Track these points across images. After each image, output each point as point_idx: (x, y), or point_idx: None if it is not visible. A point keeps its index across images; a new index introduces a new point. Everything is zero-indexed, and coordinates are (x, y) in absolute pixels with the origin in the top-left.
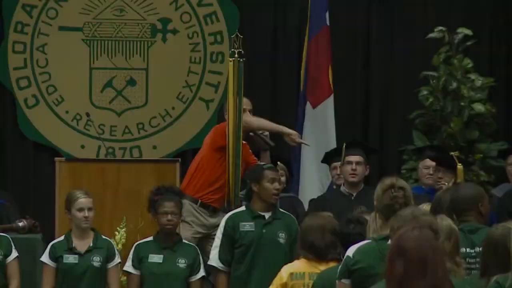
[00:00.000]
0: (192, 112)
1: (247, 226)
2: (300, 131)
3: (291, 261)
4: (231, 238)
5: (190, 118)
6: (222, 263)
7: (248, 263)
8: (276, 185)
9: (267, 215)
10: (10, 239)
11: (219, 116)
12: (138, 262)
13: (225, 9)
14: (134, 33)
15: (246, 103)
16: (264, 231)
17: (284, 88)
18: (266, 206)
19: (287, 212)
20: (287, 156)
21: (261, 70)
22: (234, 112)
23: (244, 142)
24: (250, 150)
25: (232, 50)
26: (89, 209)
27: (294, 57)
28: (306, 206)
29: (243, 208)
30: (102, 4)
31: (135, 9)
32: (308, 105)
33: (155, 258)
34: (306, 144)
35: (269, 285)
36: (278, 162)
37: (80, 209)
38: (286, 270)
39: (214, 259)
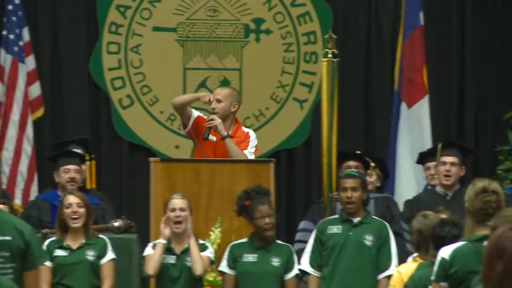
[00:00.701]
0: (286, 112)
1: (335, 229)
2: (395, 130)
3: (378, 263)
4: (321, 243)
5: (284, 118)
6: (313, 268)
7: (333, 264)
8: (348, 193)
9: (355, 220)
10: (107, 241)
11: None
12: (233, 262)
13: (319, 9)
14: (227, 34)
15: (217, 92)
16: (350, 233)
17: (378, 88)
18: (354, 213)
19: (378, 218)
20: (382, 155)
21: (355, 70)
22: (327, 112)
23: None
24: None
25: (326, 50)
26: (181, 209)
27: (388, 57)
28: (401, 207)
29: (336, 216)
30: (195, 4)
31: (228, 10)
32: (403, 105)
33: (250, 258)
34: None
35: (351, 286)
36: (371, 163)
37: (173, 210)
38: (404, 272)
39: (305, 264)
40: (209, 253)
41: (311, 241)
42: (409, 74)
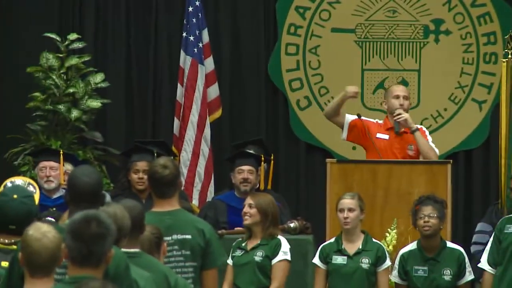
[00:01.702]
0: (465, 113)
1: (511, 228)
2: None
3: None
4: (499, 241)
5: (462, 119)
6: (490, 265)
7: (505, 264)
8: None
9: None
10: (282, 242)
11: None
12: (405, 274)
13: (499, 9)
14: (406, 34)
15: (402, 90)
16: None
17: None
18: None
19: None
20: None
21: None
22: (507, 113)
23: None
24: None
25: (506, 51)
26: (350, 209)
27: None
28: None
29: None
30: (374, 5)
31: (407, 10)
32: None
33: (420, 272)
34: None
35: None
36: None
37: (341, 210)
38: None
39: (483, 261)
40: (385, 267)
41: (491, 238)
42: None
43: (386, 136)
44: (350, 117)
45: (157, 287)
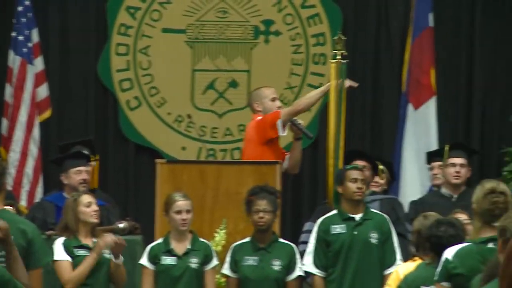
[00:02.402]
0: None
1: (338, 228)
2: (401, 132)
3: (383, 260)
4: (324, 242)
5: None
6: (318, 268)
7: (341, 266)
8: (359, 184)
9: (357, 217)
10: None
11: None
12: (235, 264)
13: (328, 10)
14: (236, 35)
15: (273, 92)
16: (355, 232)
17: (386, 89)
18: (355, 207)
19: (379, 212)
20: (389, 158)
21: (363, 72)
22: (335, 114)
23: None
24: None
25: (335, 51)
26: (187, 211)
27: (397, 58)
28: (406, 208)
29: (334, 211)
30: (205, 6)
31: (238, 11)
32: (410, 106)
33: (250, 261)
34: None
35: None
36: (380, 165)
37: (178, 212)
38: (402, 272)
39: (309, 264)
40: (213, 265)
41: (312, 240)
42: (417, 75)
43: (285, 133)
44: None
45: None
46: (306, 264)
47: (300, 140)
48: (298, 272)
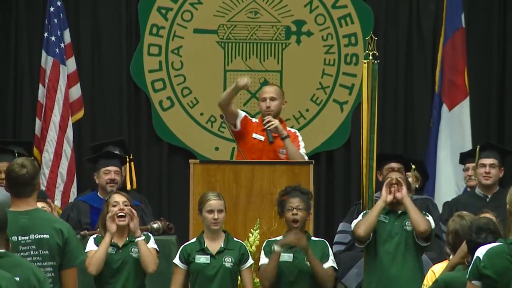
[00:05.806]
0: (326, 114)
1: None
2: (435, 132)
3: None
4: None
5: (324, 120)
6: None
7: None
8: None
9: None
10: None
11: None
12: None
13: (360, 11)
14: (268, 35)
15: (265, 91)
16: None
17: (419, 90)
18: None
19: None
20: (421, 157)
21: (396, 72)
22: (368, 114)
23: None
24: None
25: (367, 52)
26: (219, 211)
27: (429, 59)
28: (441, 209)
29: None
30: (236, 6)
31: (269, 12)
32: (444, 107)
33: (285, 257)
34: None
35: None
36: (412, 166)
37: (210, 211)
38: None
39: None
40: (249, 265)
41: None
42: (451, 76)
43: (261, 137)
44: (242, 113)
45: (26, 285)
46: None
47: (286, 139)
48: (331, 263)
